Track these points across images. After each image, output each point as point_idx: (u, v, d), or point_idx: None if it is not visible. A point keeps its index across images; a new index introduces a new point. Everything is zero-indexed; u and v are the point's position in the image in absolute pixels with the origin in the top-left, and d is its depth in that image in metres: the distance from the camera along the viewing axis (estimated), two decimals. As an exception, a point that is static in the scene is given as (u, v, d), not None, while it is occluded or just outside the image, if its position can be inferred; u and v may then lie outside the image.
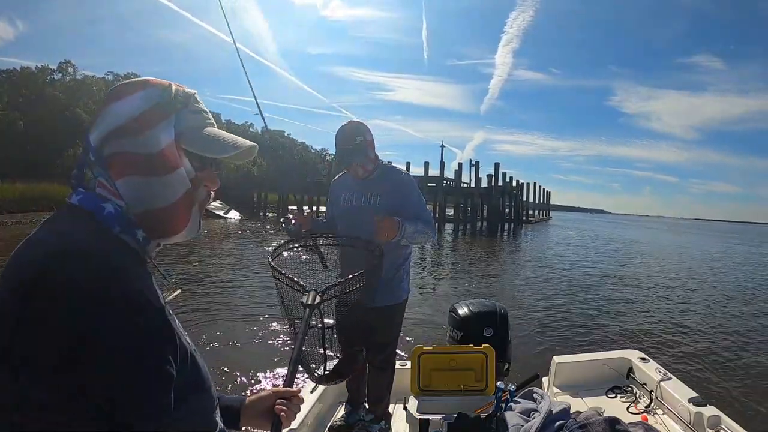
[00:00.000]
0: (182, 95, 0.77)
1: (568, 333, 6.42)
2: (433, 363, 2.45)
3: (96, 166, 0.73)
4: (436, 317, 6.73)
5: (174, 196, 0.76)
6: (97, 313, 0.60)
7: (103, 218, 0.71)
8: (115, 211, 0.72)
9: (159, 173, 0.74)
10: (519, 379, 2.33)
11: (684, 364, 5.16)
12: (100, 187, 0.73)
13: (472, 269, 13.15)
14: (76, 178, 0.75)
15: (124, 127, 0.72)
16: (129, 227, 0.73)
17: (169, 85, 0.77)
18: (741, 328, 6.54)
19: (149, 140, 0.73)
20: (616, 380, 2.80)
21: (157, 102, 0.74)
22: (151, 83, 0.76)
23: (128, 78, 0.99)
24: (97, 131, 0.73)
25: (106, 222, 0.71)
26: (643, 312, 7.60)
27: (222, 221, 29.86)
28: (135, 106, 0.73)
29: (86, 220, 0.71)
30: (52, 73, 47.37)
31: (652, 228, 66.69)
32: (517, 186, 43.62)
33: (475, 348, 2.45)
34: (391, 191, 2.32)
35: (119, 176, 0.72)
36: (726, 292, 9.94)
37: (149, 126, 0.73)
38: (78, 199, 0.73)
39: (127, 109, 0.73)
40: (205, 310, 6.80)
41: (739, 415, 2.91)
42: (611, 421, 1.66)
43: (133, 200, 0.73)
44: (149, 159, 0.73)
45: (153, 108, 0.74)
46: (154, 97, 0.74)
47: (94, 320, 0.59)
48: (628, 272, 13.18)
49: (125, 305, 0.62)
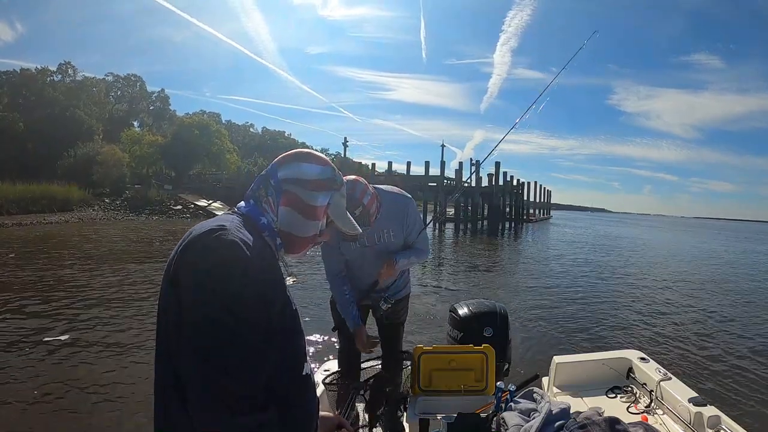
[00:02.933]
0: (340, 182, 1.18)
1: (568, 333, 6.42)
2: (433, 363, 2.45)
3: (273, 190, 1.11)
4: (436, 317, 6.73)
5: (307, 233, 1.14)
6: (232, 276, 0.91)
7: (259, 225, 1.08)
8: (267, 222, 1.10)
9: (308, 217, 1.12)
10: (519, 379, 2.33)
11: (684, 364, 5.15)
12: (266, 203, 1.11)
13: (472, 269, 13.14)
14: (252, 191, 1.13)
15: (304, 182, 1.11)
16: (272, 235, 1.10)
17: (335, 170, 1.17)
18: (741, 329, 6.53)
19: (313, 197, 1.12)
20: (616, 380, 2.80)
21: (328, 178, 1.14)
22: (328, 164, 1.16)
23: (128, 79, 1.33)
24: (285, 172, 1.11)
25: (260, 227, 1.08)
26: (643, 312, 7.59)
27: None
28: (315, 173, 1.12)
29: (247, 220, 1.06)
30: (52, 75, 47.26)
31: (652, 226, 66.62)
32: (518, 185, 43.59)
33: (475, 348, 2.44)
34: (398, 224, 2.42)
35: (285, 204, 1.11)
36: (726, 291, 9.92)
37: (318, 189, 1.12)
38: (246, 209, 1.10)
39: (309, 172, 1.12)
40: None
41: (739, 415, 2.90)
42: (611, 421, 1.66)
43: (283, 222, 1.11)
44: (307, 207, 1.11)
45: (324, 180, 1.13)
46: (328, 174, 1.14)
47: (233, 283, 0.90)
48: (628, 271, 13.17)
49: (252, 273, 0.94)
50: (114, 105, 55.36)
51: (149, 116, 60.64)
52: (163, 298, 0.98)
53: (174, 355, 0.94)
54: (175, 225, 24.79)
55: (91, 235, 17.91)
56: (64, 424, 3.71)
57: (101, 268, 10.43)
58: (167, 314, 0.96)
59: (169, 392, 0.96)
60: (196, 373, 0.89)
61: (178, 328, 0.92)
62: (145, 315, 6.58)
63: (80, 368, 4.70)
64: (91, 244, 15.12)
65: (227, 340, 0.89)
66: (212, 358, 0.88)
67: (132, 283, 8.96)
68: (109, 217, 27.15)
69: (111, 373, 4.61)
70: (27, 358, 4.94)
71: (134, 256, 12.83)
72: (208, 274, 0.91)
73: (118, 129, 45.96)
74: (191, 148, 41.58)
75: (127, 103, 58.39)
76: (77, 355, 5.07)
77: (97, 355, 5.08)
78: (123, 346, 5.36)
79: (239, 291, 0.91)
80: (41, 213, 24.49)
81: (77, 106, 43.56)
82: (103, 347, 5.32)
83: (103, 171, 35.56)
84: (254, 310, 0.93)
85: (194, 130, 42.44)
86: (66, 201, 27.56)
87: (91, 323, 6.21)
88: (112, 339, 5.59)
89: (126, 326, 6.13)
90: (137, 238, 17.76)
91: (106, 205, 30.78)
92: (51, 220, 22.72)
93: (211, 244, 0.94)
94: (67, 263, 10.90)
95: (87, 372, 4.61)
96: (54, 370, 4.65)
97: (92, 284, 8.61)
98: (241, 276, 0.92)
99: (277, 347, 1.00)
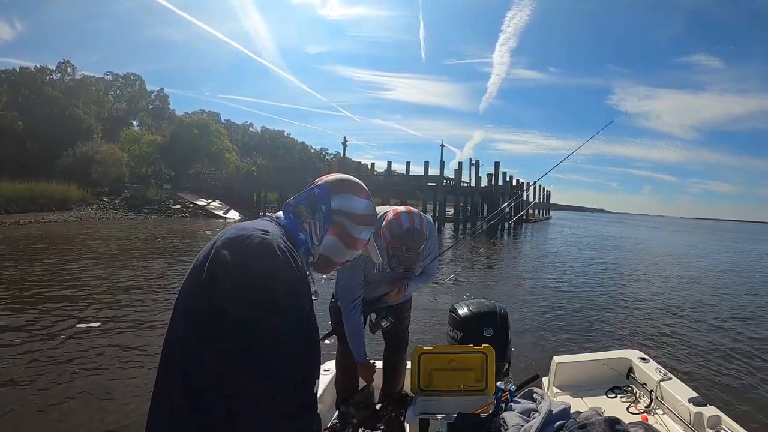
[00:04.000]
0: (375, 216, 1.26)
1: (568, 333, 6.41)
2: (433, 363, 2.45)
3: (323, 216, 1.15)
4: (436, 317, 6.72)
5: (343, 260, 1.21)
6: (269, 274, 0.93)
7: (297, 240, 1.10)
8: (304, 239, 1.12)
9: (349, 247, 1.18)
10: (519, 379, 2.33)
11: (684, 364, 5.14)
12: (307, 223, 1.14)
13: (472, 269, 13.14)
14: (294, 206, 1.16)
15: (354, 216, 1.17)
16: (307, 253, 1.13)
17: (374, 205, 1.25)
18: (741, 328, 6.52)
19: (359, 231, 1.19)
20: (616, 380, 2.80)
21: (371, 214, 1.22)
22: (371, 198, 1.23)
23: (128, 78, 1.30)
24: (338, 202, 1.16)
25: (298, 242, 1.09)
26: (643, 312, 7.58)
27: (221, 221, 29.86)
28: (363, 207, 1.19)
29: (287, 233, 1.08)
30: (51, 74, 47.09)
31: (651, 227, 66.68)
32: (518, 185, 43.62)
33: (475, 348, 2.45)
34: (424, 251, 2.29)
35: (333, 234, 1.16)
36: (726, 292, 9.90)
37: (364, 224, 1.19)
38: (286, 222, 1.12)
39: (359, 206, 1.18)
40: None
41: (739, 415, 2.90)
42: (611, 421, 1.66)
43: (327, 248, 1.17)
44: (352, 239, 1.18)
45: (370, 216, 1.21)
46: (371, 210, 1.22)
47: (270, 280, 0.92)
48: (628, 272, 13.16)
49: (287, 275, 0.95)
50: (113, 104, 55.25)
51: (148, 115, 60.49)
52: (193, 292, 0.97)
53: (191, 360, 0.92)
54: (174, 224, 24.77)
55: (93, 233, 17.89)
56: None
57: (118, 263, 10.43)
58: (193, 305, 0.96)
59: (178, 390, 0.93)
60: (249, 377, 0.89)
61: (210, 324, 0.91)
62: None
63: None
64: (97, 241, 15.11)
65: (281, 343, 0.91)
66: (268, 362, 0.90)
67: (148, 277, 8.96)
68: (108, 216, 27.12)
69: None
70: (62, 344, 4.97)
71: (143, 252, 12.82)
72: (257, 277, 0.91)
73: (118, 128, 45.88)
74: (190, 147, 41.55)
75: (126, 102, 58.22)
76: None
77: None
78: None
79: (287, 297, 0.93)
80: (39, 212, 24.42)
81: (76, 105, 43.43)
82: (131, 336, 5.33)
83: (102, 170, 35.52)
84: (296, 317, 0.96)
85: (193, 130, 42.41)
86: (65, 200, 27.50)
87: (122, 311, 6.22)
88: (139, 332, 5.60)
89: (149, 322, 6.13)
90: (143, 236, 17.76)
91: (105, 204, 30.72)
92: (49, 219, 22.68)
93: (260, 248, 0.94)
94: (77, 258, 10.89)
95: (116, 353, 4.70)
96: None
97: (111, 278, 8.62)
98: (287, 282, 0.94)
99: (315, 354, 1.06)
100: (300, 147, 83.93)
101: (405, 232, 2.09)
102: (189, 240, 17.70)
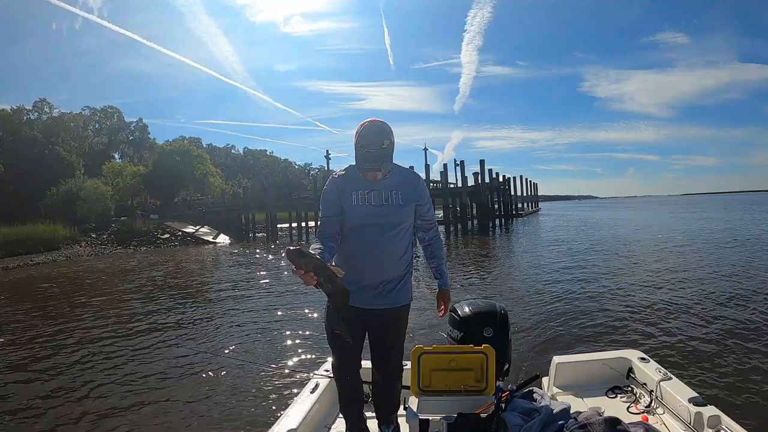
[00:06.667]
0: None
1: (568, 333, 6.39)
2: (433, 363, 2.45)
3: None
4: (436, 317, 6.66)
5: None
6: None
7: None
8: None
9: None
10: (519, 379, 2.34)
11: (684, 364, 5.10)
12: None
13: (468, 269, 13.17)
14: None
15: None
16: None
17: None
18: (742, 327, 6.44)
19: None
20: (616, 380, 2.82)
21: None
22: None
23: (105, 111, 1.31)
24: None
25: None
26: (643, 311, 7.49)
27: (211, 247, 29.62)
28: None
29: None
30: (28, 113, 46.71)
31: (639, 209, 67.07)
32: (505, 181, 43.83)
33: (475, 348, 2.45)
34: (408, 190, 2.29)
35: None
36: (726, 286, 9.73)
37: None
38: None
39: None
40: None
41: (739, 415, 2.91)
42: (611, 421, 1.67)
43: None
44: None
45: None
46: None
47: None
48: (626, 268, 13.00)
49: None
50: (93, 138, 54.82)
51: (129, 147, 60.15)
52: None
53: None
54: (164, 254, 24.49)
55: (83, 272, 17.65)
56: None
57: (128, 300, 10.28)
58: None
59: None
60: None
61: None
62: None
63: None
64: (89, 279, 14.91)
65: None
66: None
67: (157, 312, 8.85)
68: (97, 252, 26.75)
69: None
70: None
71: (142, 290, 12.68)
72: None
73: (99, 162, 45.49)
74: (174, 175, 41.30)
75: (106, 135, 57.88)
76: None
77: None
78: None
79: None
80: (28, 254, 24.06)
81: (56, 142, 43.10)
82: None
83: (87, 206, 35.14)
84: None
85: (176, 157, 42.16)
86: (52, 240, 27.05)
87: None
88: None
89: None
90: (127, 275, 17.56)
91: (93, 240, 30.31)
92: (38, 260, 22.34)
93: None
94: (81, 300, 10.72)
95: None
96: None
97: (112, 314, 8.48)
98: None
99: None
100: (284, 165, 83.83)
101: (366, 126, 2.22)
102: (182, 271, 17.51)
